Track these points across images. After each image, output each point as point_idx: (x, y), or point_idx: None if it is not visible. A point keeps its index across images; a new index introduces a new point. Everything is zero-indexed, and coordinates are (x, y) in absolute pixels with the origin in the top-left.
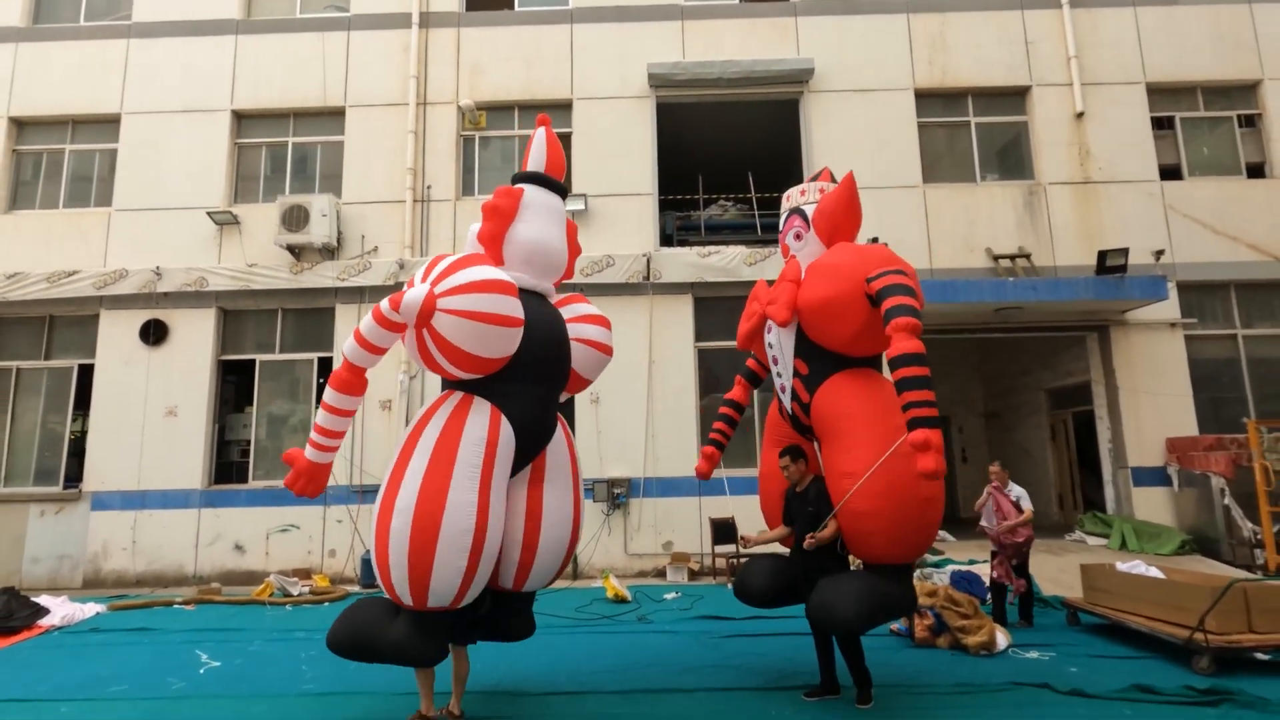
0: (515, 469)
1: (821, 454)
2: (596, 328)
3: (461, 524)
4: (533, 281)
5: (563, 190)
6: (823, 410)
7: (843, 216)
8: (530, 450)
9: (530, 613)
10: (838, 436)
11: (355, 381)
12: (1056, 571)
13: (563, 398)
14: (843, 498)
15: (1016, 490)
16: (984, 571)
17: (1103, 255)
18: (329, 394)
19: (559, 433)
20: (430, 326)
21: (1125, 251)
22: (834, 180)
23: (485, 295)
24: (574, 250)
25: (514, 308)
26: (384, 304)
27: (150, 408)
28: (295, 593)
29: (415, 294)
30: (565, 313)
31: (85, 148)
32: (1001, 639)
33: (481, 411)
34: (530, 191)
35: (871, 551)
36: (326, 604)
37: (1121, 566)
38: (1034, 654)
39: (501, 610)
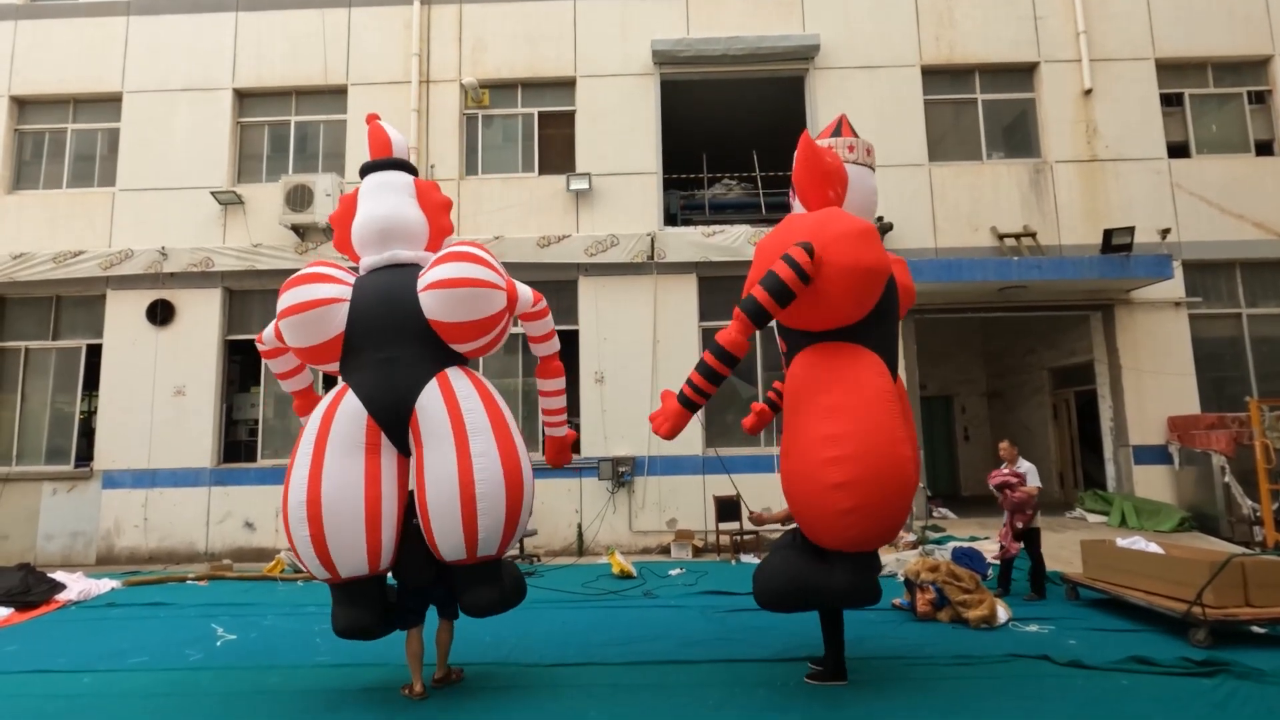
0: (395, 438)
1: None
2: (444, 266)
3: (296, 497)
4: (379, 257)
5: (396, 165)
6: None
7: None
8: (393, 417)
9: (494, 584)
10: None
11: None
12: (1056, 548)
13: (469, 351)
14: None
15: (1025, 465)
16: (985, 548)
17: (1108, 234)
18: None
19: (432, 390)
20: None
21: (1131, 230)
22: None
23: (285, 294)
24: (437, 204)
25: (309, 293)
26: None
27: (158, 387)
28: None
29: (268, 332)
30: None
31: (87, 127)
32: (1002, 613)
33: (333, 391)
34: (366, 182)
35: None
36: None
37: (1121, 543)
38: (1034, 627)
39: (464, 581)
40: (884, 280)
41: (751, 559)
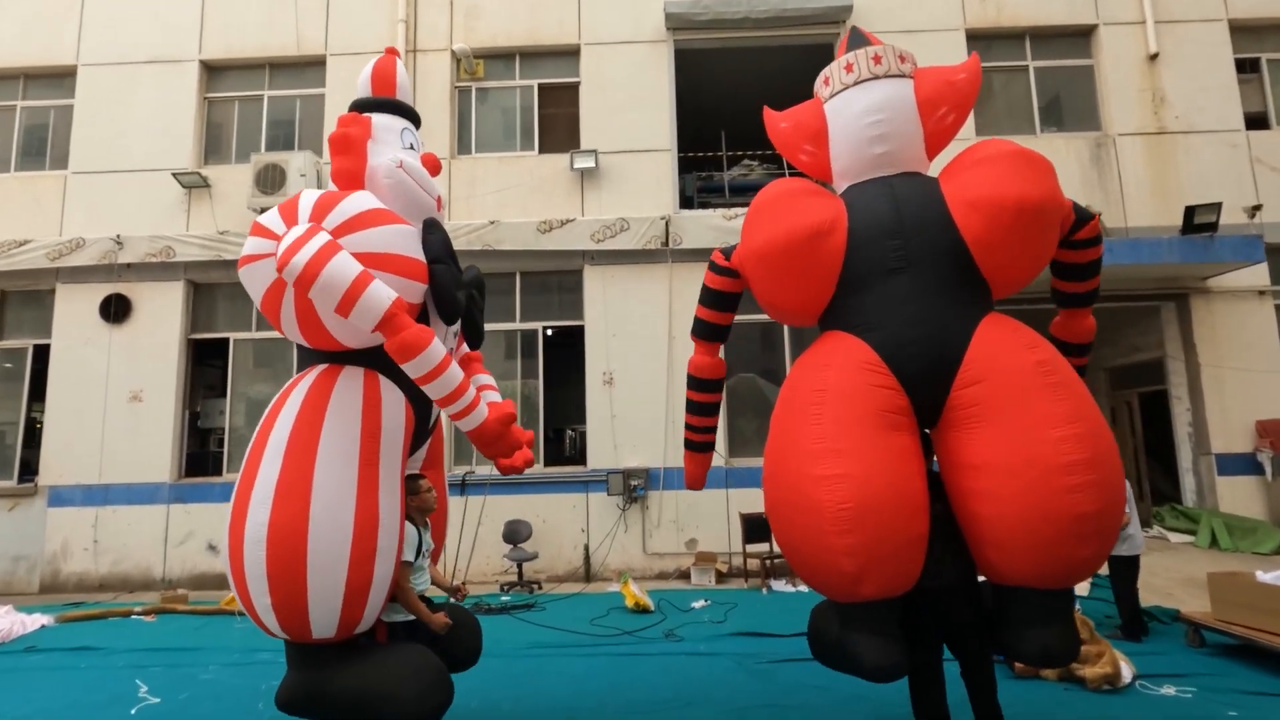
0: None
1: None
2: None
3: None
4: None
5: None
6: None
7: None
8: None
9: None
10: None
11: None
12: (1146, 574)
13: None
14: None
15: None
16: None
17: (1190, 212)
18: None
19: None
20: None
21: (1217, 207)
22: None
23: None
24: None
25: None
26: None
27: (112, 393)
28: None
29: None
30: None
31: (39, 104)
32: (1126, 670)
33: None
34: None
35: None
36: None
37: (1263, 577)
38: (1169, 690)
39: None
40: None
41: (784, 586)
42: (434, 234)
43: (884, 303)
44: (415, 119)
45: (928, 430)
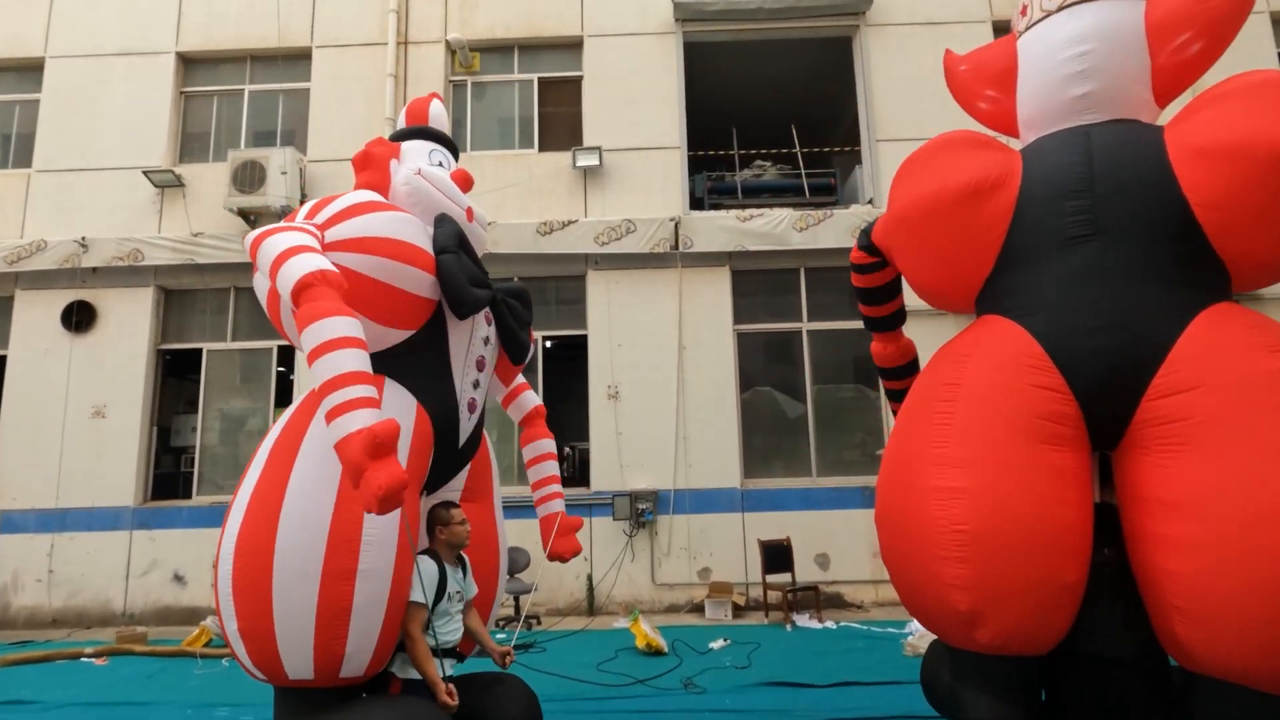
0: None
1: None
2: None
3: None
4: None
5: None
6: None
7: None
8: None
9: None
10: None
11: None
12: None
13: None
14: None
15: None
16: None
17: None
18: None
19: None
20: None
21: None
22: None
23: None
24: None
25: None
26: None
27: (73, 408)
28: None
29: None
30: None
31: (3, 98)
32: None
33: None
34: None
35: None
36: None
37: None
38: None
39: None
40: None
41: (810, 621)
42: (444, 226)
43: (1057, 281)
44: (448, 144)
45: (1108, 452)
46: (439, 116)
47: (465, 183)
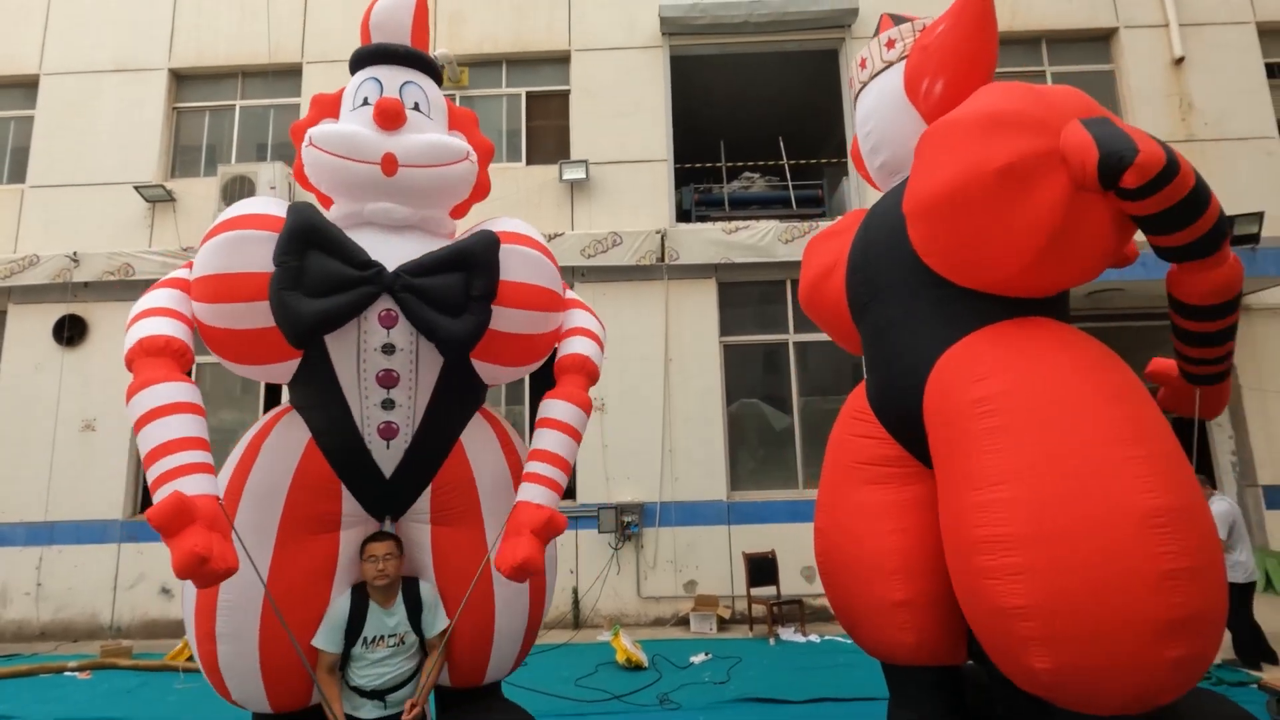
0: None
1: None
2: None
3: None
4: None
5: (379, 56)
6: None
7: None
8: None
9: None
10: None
11: None
12: None
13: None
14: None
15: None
16: None
17: (1230, 222)
18: None
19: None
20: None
21: (1259, 217)
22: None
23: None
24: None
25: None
26: None
27: (63, 421)
28: None
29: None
30: None
31: None
32: None
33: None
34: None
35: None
36: None
37: None
38: None
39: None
40: None
41: (794, 635)
42: (288, 222)
43: (866, 341)
44: (390, 57)
45: None
46: (384, 24)
47: (388, 116)
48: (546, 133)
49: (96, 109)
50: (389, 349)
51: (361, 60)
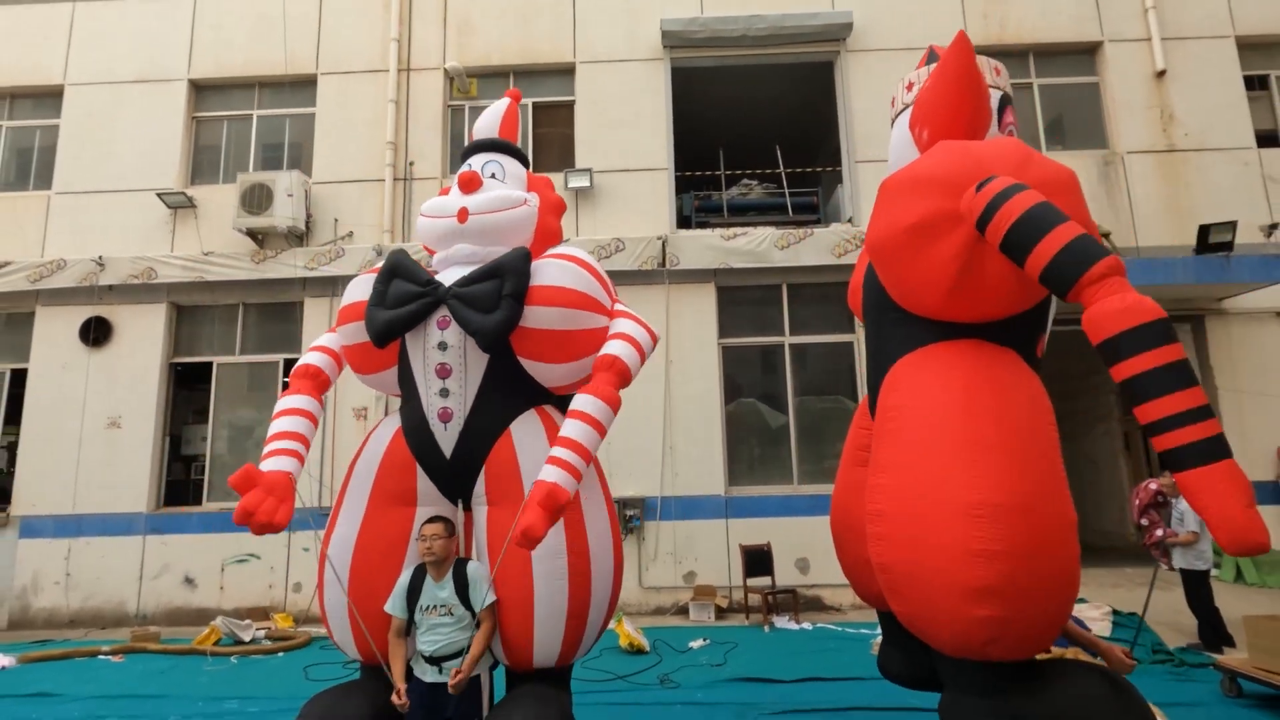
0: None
1: None
2: None
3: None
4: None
5: (483, 147)
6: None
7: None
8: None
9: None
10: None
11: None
12: (1170, 613)
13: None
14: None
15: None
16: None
17: (1204, 230)
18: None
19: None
20: None
21: (1232, 226)
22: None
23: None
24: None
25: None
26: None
27: (89, 418)
28: (246, 639)
29: None
30: None
31: (25, 124)
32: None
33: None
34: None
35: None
36: (282, 654)
37: None
38: None
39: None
40: None
41: (788, 623)
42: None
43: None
44: (491, 148)
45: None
46: (482, 127)
47: (464, 182)
48: (552, 141)
49: (119, 118)
50: (443, 346)
51: (463, 154)
